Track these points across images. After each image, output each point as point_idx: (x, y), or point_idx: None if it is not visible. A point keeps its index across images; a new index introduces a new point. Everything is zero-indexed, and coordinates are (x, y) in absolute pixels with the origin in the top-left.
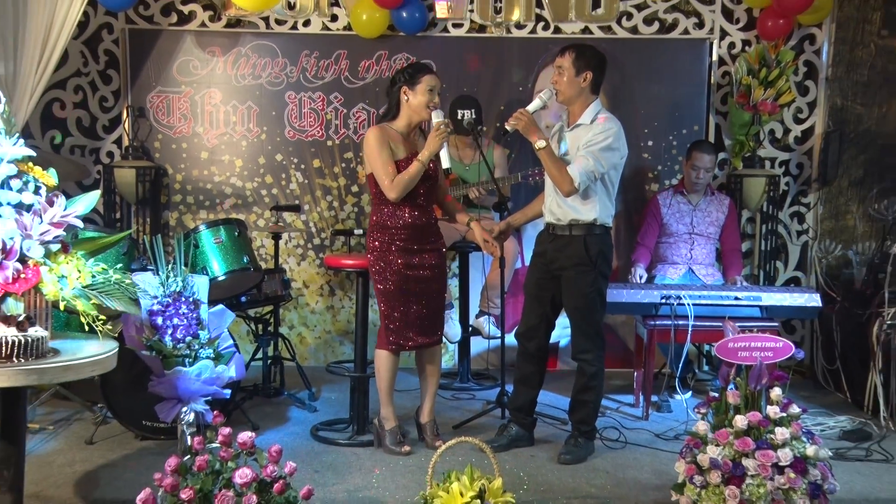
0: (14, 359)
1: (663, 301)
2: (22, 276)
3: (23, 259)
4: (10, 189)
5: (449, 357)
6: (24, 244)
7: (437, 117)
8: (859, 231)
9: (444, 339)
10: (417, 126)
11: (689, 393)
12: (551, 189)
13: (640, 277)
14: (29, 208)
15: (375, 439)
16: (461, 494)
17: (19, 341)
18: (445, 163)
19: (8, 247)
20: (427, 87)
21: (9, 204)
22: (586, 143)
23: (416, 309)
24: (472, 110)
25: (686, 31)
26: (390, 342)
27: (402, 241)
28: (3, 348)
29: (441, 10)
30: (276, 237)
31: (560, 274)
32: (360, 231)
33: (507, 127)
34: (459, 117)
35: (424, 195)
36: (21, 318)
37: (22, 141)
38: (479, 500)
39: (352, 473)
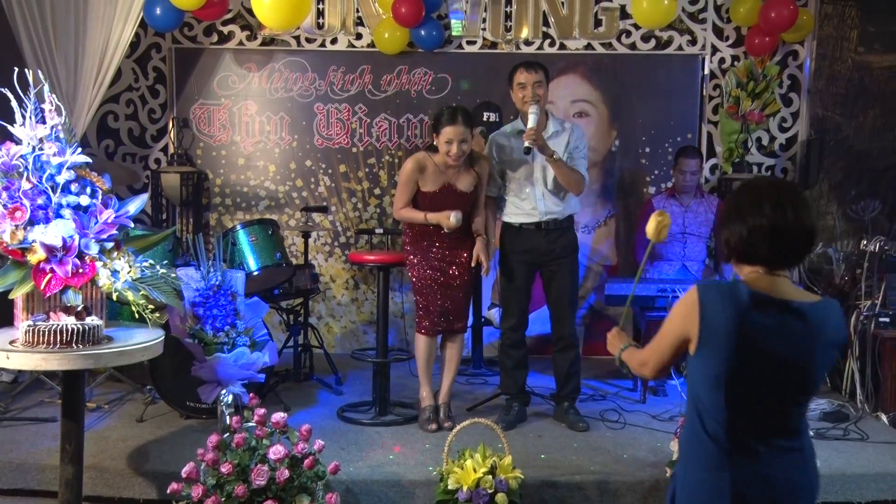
0: (73, 345)
1: (660, 294)
2: (80, 270)
3: (80, 255)
4: (70, 192)
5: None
6: (82, 242)
7: (453, 219)
8: (839, 230)
9: None
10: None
11: (683, 378)
12: (542, 190)
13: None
14: (86, 209)
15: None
16: (474, 470)
17: (78, 329)
18: (447, 229)
19: (68, 244)
20: (445, 139)
21: (68, 206)
22: (575, 147)
23: (445, 300)
24: (496, 114)
25: (680, 48)
26: (424, 327)
27: (436, 244)
28: (64, 335)
29: (456, 29)
30: (306, 235)
31: (552, 263)
32: (381, 230)
33: (528, 144)
34: (485, 119)
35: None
36: (79, 308)
37: (80, 149)
38: (490, 476)
39: (375, 451)
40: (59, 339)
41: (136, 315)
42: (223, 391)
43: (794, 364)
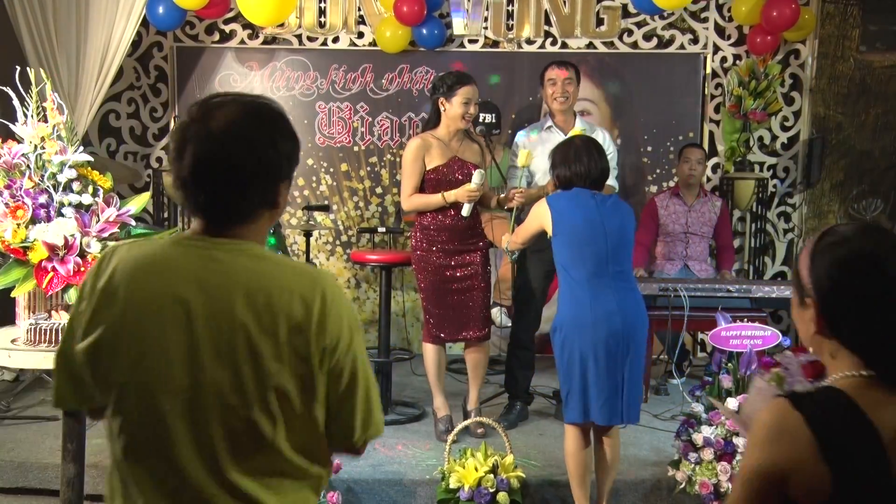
0: None
1: (661, 293)
2: (82, 268)
3: (82, 254)
4: (72, 191)
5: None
6: (84, 240)
7: (476, 178)
8: None
9: None
10: (459, 132)
11: (685, 377)
12: None
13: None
14: (88, 208)
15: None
16: (476, 469)
17: None
18: (465, 212)
19: (69, 243)
20: (462, 99)
21: (70, 204)
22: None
23: (453, 305)
24: (493, 115)
25: (682, 47)
26: (430, 335)
27: (441, 241)
28: None
29: (458, 28)
30: (308, 234)
31: None
32: (384, 229)
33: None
34: (481, 120)
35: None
36: None
37: (82, 148)
38: (492, 475)
39: (376, 450)
40: (60, 338)
41: None
42: None
43: (612, 226)
